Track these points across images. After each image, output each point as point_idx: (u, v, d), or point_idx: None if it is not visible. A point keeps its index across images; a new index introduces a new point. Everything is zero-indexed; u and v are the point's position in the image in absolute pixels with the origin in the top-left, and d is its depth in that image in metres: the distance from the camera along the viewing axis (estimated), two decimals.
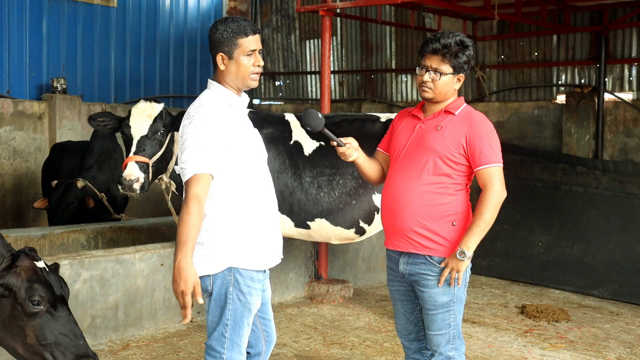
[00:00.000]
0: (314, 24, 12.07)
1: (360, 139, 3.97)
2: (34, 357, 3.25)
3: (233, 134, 3.12)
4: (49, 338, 3.21)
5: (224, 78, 3.20)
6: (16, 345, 3.26)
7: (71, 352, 3.23)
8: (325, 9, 7.08)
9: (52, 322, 3.23)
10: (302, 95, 12.58)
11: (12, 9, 10.00)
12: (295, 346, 5.44)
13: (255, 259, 3.19)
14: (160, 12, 11.80)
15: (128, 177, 4.94)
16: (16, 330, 3.23)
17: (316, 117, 3.40)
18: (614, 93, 9.05)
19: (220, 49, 3.15)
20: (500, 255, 8.33)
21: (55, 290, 3.29)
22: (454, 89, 3.43)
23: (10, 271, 3.25)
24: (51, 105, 9.89)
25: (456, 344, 3.48)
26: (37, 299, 3.20)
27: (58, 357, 3.21)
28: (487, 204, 3.31)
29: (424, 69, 3.41)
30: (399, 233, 3.44)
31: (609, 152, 9.00)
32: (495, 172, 3.34)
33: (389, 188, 3.50)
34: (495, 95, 10.17)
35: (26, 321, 3.21)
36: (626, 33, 8.99)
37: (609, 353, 5.41)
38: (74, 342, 3.25)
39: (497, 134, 3.45)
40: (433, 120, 3.44)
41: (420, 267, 3.41)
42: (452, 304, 3.42)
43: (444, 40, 3.36)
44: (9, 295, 3.21)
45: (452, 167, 3.37)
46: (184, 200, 2.98)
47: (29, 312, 3.20)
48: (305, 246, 6.84)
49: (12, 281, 3.22)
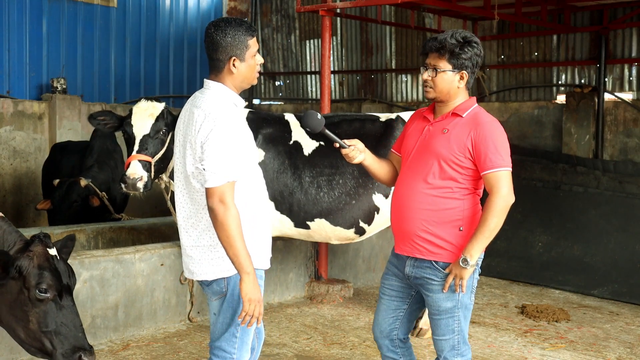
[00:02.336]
0: (314, 24, 12.07)
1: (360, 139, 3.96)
2: (33, 343, 3.29)
3: (245, 138, 3.16)
4: (50, 326, 3.25)
5: (230, 79, 3.18)
6: (18, 329, 3.30)
7: (69, 342, 3.26)
8: (325, 9, 7.08)
9: (55, 311, 3.27)
10: (302, 95, 12.57)
11: (12, 9, 10.01)
12: (295, 346, 5.44)
13: (262, 258, 3.25)
14: (160, 12, 11.80)
15: (132, 175, 4.93)
16: (20, 314, 3.27)
17: (315, 118, 3.38)
18: (614, 93, 9.05)
19: (233, 52, 3.13)
20: (500, 255, 8.32)
21: (63, 280, 3.32)
22: (456, 87, 3.34)
23: (24, 254, 3.29)
24: (51, 105, 9.89)
25: (461, 350, 3.44)
26: (45, 287, 3.24)
27: (56, 345, 3.25)
28: (492, 210, 3.22)
29: (424, 68, 3.39)
30: (406, 237, 3.40)
31: (609, 152, 9.00)
32: (502, 177, 3.24)
33: (397, 192, 3.46)
34: (495, 95, 10.17)
35: (31, 307, 3.25)
36: (626, 33, 8.99)
37: (609, 353, 5.42)
38: (74, 333, 3.28)
39: (506, 136, 3.36)
40: (441, 123, 3.38)
41: (425, 272, 3.38)
42: (456, 309, 3.37)
43: (441, 37, 3.33)
44: (18, 278, 3.25)
45: (458, 171, 3.30)
46: (220, 213, 2.95)
47: (35, 299, 3.23)
48: (305, 246, 6.84)
49: (24, 265, 3.26)
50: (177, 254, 5.77)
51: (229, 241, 2.96)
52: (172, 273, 5.75)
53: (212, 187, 2.98)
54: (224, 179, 2.97)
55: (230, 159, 3.00)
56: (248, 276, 2.98)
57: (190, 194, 3.17)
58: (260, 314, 3.03)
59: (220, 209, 2.96)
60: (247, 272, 2.98)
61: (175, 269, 5.76)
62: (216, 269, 3.15)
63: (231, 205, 2.97)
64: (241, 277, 2.99)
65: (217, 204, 2.96)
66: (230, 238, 2.96)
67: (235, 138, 3.04)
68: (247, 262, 2.98)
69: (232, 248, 2.97)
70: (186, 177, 3.16)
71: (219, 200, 2.96)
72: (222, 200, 2.96)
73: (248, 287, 2.98)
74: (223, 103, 3.12)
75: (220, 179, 2.97)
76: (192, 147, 3.08)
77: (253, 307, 3.00)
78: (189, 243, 3.21)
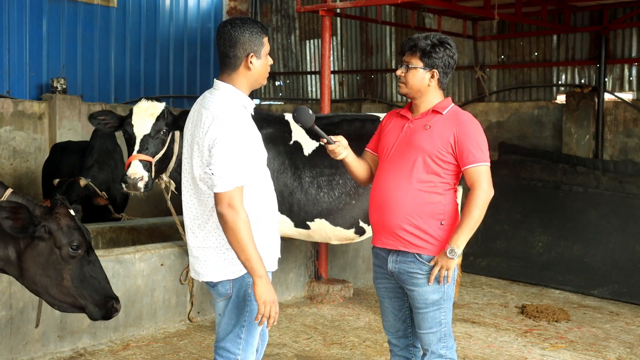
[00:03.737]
0: (314, 24, 12.07)
1: (360, 139, 3.97)
2: (67, 299, 3.47)
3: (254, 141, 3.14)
4: (83, 281, 3.45)
5: (244, 79, 3.16)
6: (51, 288, 3.45)
7: (100, 293, 3.49)
8: (325, 9, 7.08)
9: (86, 266, 3.47)
10: (302, 95, 12.58)
11: (12, 9, 10.01)
12: (295, 346, 5.44)
13: (270, 260, 3.24)
14: (160, 12, 11.80)
15: (132, 175, 4.93)
16: (54, 273, 3.42)
17: (306, 113, 3.42)
18: (614, 93, 9.04)
19: (251, 48, 3.12)
20: (500, 255, 8.33)
21: (87, 237, 3.51)
22: (427, 85, 3.44)
23: (51, 216, 3.43)
24: (51, 105, 9.89)
25: (447, 342, 3.51)
26: (77, 244, 3.42)
27: (89, 298, 3.46)
28: (475, 203, 3.34)
29: (400, 65, 3.52)
30: (388, 231, 3.46)
31: (609, 152, 9.00)
32: (483, 171, 3.37)
33: (378, 186, 3.53)
34: (495, 95, 10.17)
35: (64, 265, 3.42)
36: (626, 33, 8.98)
37: (609, 353, 5.42)
38: (103, 285, 3.52)
39: (485, 134, 3.48)
40: (421, 120, 3.48)
41: (409, 266, 3.44)
42: (443, 301, 3.46)
43: (416, 37, 3.47)
44: (49, 239, 3.40)
45: (441, 166, 3.40)
46: (230, 218, 2.94)
47: (68, 256, 3.41)
48: (305, 246, 6.84)
49: (53, 226, 3.41)
50: (177, 254, 5.77)
51: (240, 246, 2.96)
52: (172, 273, 5.75)
53: (221, 193, 2.96)
54: (233, 184, 2.96)
55: (239, 163, 2.98)
56: (261, 279, 2.98)
57: (197, 195, 3.15)
58: (276, 313, 3.04)
59: (230, 214, 2.94)
60: (260, 275, 2.98)
61: (175, 269, 5.76)
62: (222, 270, 3.15)
63: (240, 210, 2.96)
64: (254, 280, 2.99)
65: (227, 209, 2.95)
66: (241, 243, 2.95)
67: (243, 141, 3.02)
68: (259, 265, 2.98)
69: (243, 253, 2.96)
70: (194, 178, 3.14)
71: (228, 205, 2.95)
72: (232, 205, 2.95)
73: (262, 289, 2.98)
74: (232, 105, 3.09)
75: (229, 184, 2.95)
76: (199, 150, 3.06)
77: (268, 309, 3.01)
78: (195, 244, 3.20)
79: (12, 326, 4.84)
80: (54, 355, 5.02)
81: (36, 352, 4.96)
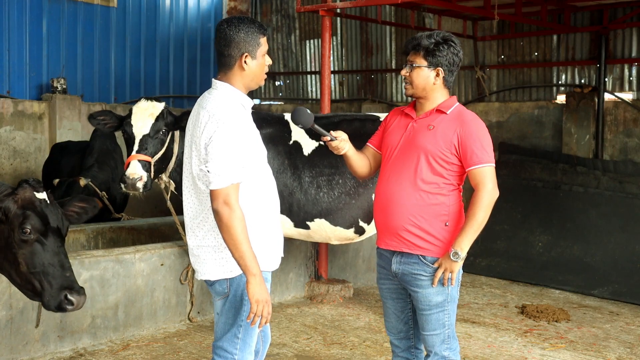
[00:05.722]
0: (314, 24, 12.07)
1: (360, 139, 3.96)
2: (26, 285, 3.37)
3: (252, 139, 3.14)
4: (37, 267, 3.32)
5: (240, 78, 3.17)
6: (12, 272, 3.39)
7: (57, 282, 3.32)
8: (325, 9, 7.08)
9: (42, 252, 3.33)
10: (302, 95, 12.58)
11: (12, 9, 10.01)
12: (295, 346, 5.44)
13: (268, 260, 3.24)
14: (160, 12, 11.80)
15: (131, 175, 4.94)
16: (11, 257, 3.35)
17: (305, 113, 3.41)
18: (614, 93, 9.04)
19: (245, 48, 3.12)
20: (500, 255, 8.33)
21: (51, 222, 3.36)
22: (432, 84, 3.41)
23: (10, 198, 3.35)
24: (51, 105, 9.89)
25: (451, 343, 3.49)
26: (27, 227, 3.30)
27: (45, 286, 3.32)
28: (480, 204, 3.30)
29: (404, 65, 3.48)
30: (392, 232, 3.45)
31: (609, 152, 9.00)
32: (488, 172, 3.33)
33: (382, 187, 3.51)
34: (495, 95, 10.17)
35: (17, 248, 3.32)
36: (626, 33, 8.98)
37: (609, 353, 5.42)
38: (61, 273, 3.34)
39: (489, 133, 3.44)
40: (425, 119, 3.45)
41: (413, 267, 3.42)
42: (447, 303, 3.43)
43: (419, 35, 3.44)
44: (6, 221, 3.32)
45: (445, 167, 3.36)
46: (225, 215, 2.94)
47: (20, 240, 3.30)
48: (305, 246, 6.84)
49: (9, 206, 3.33)
50: (177, 254, 5.77)
51: (234, 243, 2.96)
52: (172, 273, 5.75)
53: (216, 189, 2.97)
54: (228, 181, 2.96)
55: (234, 161, 2.99)
56: (254, 278, 2.97)
57: (197, 194, 3.16)
58: (268, 313, 3.03)
59: (224, 211, 2.95)
60: (253, 273, 2.97)
61: (175, 269, 5.76)
62: (219, 269, 3.15)
63: (236, 207, 2.96)
64: (247, 279, 2.98)
65: (222, 206, 2.95)
66: (235, 240, 2.95)
67: (239, 139, 3.02)
68: (252, 263, 2.97)
69: (237, 250, 2.96)
70: (193, 177, 3.15)
71: (223, 202, 2.95)
72: (227, 202, 2.95)
73: (255, 288, 2.97)
74: (229, 104, 3.10)
75: (224, 181, 2.96)
76: (197, 148, 3.08)
77: (261, 308, 2.99)
78: (195, 243, 3.21)
79: (12, 326, 4.83)
80: (54, 355, 5.02)
81: (36, 352, 4.96)
